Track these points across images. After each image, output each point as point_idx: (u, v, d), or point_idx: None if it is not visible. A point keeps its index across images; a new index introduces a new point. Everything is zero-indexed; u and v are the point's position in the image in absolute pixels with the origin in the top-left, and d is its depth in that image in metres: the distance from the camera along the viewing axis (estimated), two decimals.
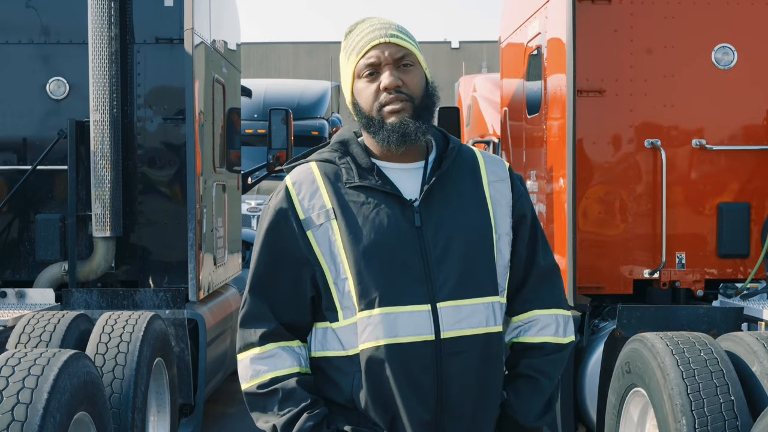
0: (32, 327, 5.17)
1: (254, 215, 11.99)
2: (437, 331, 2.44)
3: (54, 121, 6.54)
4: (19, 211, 6.62)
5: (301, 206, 2.51)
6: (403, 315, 2.44)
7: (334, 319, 2.50)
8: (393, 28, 2.53)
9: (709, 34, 5.96)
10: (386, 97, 2.48)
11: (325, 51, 36.21)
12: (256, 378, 2.52)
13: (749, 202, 5.97)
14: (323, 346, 2.53)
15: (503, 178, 2.62)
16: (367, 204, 2.48)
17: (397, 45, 2.50)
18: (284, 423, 2.46)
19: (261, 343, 2.52)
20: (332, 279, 2.48)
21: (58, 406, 3.84)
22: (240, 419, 7.91)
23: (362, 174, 2.51)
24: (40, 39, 6.61)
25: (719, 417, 4.20)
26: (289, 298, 2.52)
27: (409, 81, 2.49)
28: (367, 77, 2.51)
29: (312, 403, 2.47)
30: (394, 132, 2.47)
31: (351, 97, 2.56)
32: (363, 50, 2.50)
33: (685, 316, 5.50)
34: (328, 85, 14.51)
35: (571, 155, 5.69)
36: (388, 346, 2.43)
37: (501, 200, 2.59)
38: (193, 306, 6.43)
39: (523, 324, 2.65)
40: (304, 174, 2.56)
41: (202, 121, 6.58)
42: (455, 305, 2.46)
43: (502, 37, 7.97)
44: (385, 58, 2.49)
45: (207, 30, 6.85)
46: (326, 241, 2.48)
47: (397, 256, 2.46)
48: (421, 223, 2.48)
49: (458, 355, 2.45)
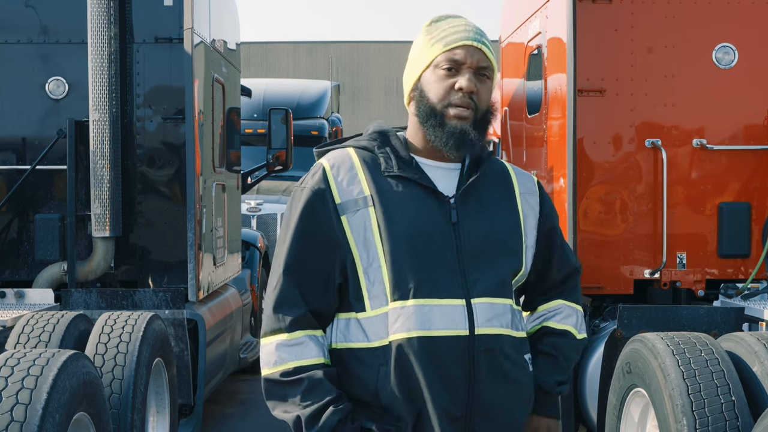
0: (31, 327, 5.16)
1: (254, 215, 11.99)
2: (471, 327, 2.44)
3: (53, 121, 6.53)
4: (18, 211, 6.61)
5: (339, 190, 2.50)
6: (438, 308, 2.43)
7: (361, 308, 2.48)
8: (484, 36, 2.55)
9: (710, 34, 5.95)
10: (458, 98, 2.48)
11: (325, 51, 36.20)
12: (280, 365, 2.47)
13: (750, 202, 5.97)
14: (345, 337, 2.49)
15: (533, 192, 2.67)
16: (405, 194, 2.49)
17: (484, 54, 2.52)
18: (309, 415, 2.41)
19: (290, 330, 2.47)
20: (363, 267, 2.46)
21: (58, 407, 3.83)
22: (240, 419, 7.90)
23: (401, 165, 2.52)
24: (39, 38, 6.60)
25: (720, 417, 4.19)
26: (319, 283, 2.49)
27: (482, 92, 2.51)
28: (445, 71, 2.50)
29: (337, 396, 2.44)
30: (454, 136, 2.48)
31: (416, 81, 2.55)
32: (451, 44, 2.51)
33: (685, 316, 5.49)
34: (328, 85, 14.51)
35: (571, 155, 5.68)
36: (421, 339, 2.41)
37: (530, 213, 2.63)
38: (193, 306, 6.42)
39: (547, 312, 2.72)
40: (343, 158, 2.55)
41: (201, 121, 6.57)
42: (489, 302, 2.47)
43: (503, 37, 7.97)
44: (471, 62, 2.50)
45: (206, 29, 6.84)
46: (361, 227, 2.47)
47: (434, 249, 2.46)
48: (457, 220, 2.49)
49: (490, 352, 2.46)
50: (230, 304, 7.77)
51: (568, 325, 2.70)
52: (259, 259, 9.53)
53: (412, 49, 2.62)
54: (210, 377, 6.93)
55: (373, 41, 37.91)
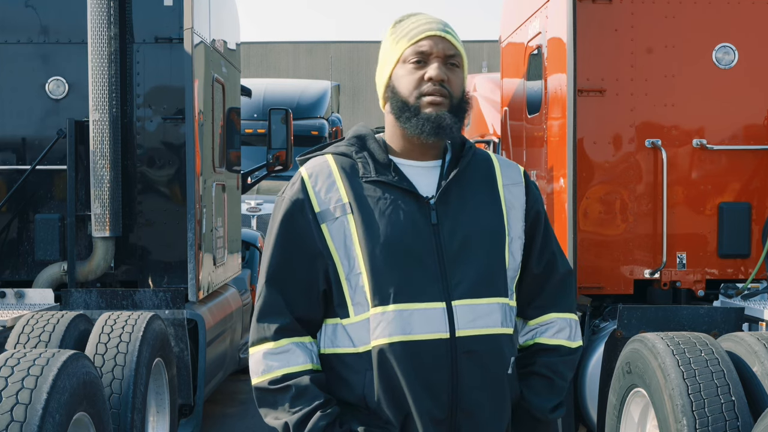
0: (31, 327, 5.16)
1: (254, 215, 11.99)
2: (452, 329, 2.43)
3: (53, 121, 6.54)
4: (18, 211, 6.61)
5: (317, 198, 2.50)
6: (418, 312, 2.43)
7: (345, 315, 2.48)
8: (447, 26, 2.55)
9: (710, 34, 5.95)
10: (429, 87, 2.48)
11: (325, 50, 36.21)
12: (268, 373, 2.49)
13: (750, 202, 5.97)
14: (333, 342, 2.51)
15: (518, 182, 2.63)
16: (384, 199, 2.48)
17: (450, 43, 2.52)
18: (297, 421, 2.43)
19: (275, 338, 2.49)
20: (345, 274, 2.47)
21: (58, 407, 3.83)
22: (240, 419, 7.90)
23: (379, 169, 2.51)
24: (39, 38, 6.61)
25: (720, 417, 4.19)
26: (302, 291, 2.50)
27: (453, 80, 2.51)
28: (413, 64, 2.50)
29: (325, 401, 2.45)
30: (430, 122, 2.47)
31: (387, 80, 2.55)
32: (416, 37, 2.51)
33: (685, 316, 5.50)
34: (328, 85, 14.51)
35: (571, 155, 5.68)
36: (402, 343, 2.42)
37: (515, 203, 2.60)
38: (193, 306, 6.42)
39: (539, 326, 2.66)
40: (321, 166, 2.55)
41: (201, 121, 6.57)
42: (470, 304, 2.46)
43: (503, 37, 7.96)
44: (437, 51, 2.50)
45: (206, 29, 6.84)
46: (341, 235, 2.47)
47: (413, 253, 2.45)
48: (437, 221, 2.48)
49: (472, 353, 2.45)
50: (230, 304, 7.77)
51: (560, 339, 2.65)
52: (259, 259, 9.53)
53: (380, 53, 2.63)
54: (210, 377, 6.93)
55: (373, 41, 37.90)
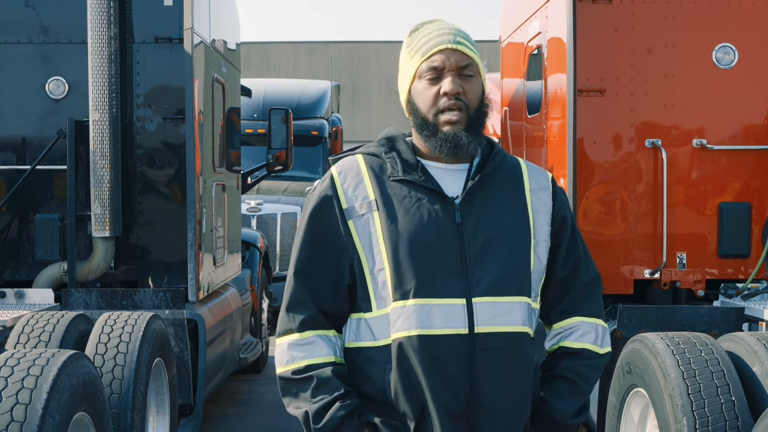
0: (31, 327, 5.16)
1: (254, 215, 11.99)
2: (471, 326, 2.47)
3: (53, 121, 6.54)
4: (18, 211, 6.61)
5: (345, 195, 2.58)
6: (438, 307, 2.48)
7: (368, 309, 2.55)
8: (460, 35, 2.58)
9: (710, 34, 5.95)
10: (445, 102, 2.53)
11: (325, 50, 36.21)
12: (292, 363, 2.57)
13: (750, 202, 5.97)
14: (356, 336, 2.58)
15: (545, 187, 2.68)
16: (409, 198, 2.55)
17: (463, 53, 2.55)
18: (316, 410, 2.51)
19: (300, 330, 2.57)
20: (369, 269, 2.54)
21: (58, 407, 3.83)
22: (240, 419, 7.90)
23: (406, 169, 2.58)
24: (39, 38, 6.60)
25: (720, 417, 4.19)
26: (328, 285, 2.58)
27: (469, 90, 2.55)
28: (428, 80, 2.55)
29: (345, 393, 2.52)
30: (447, 142, 2.54)
31: (407, 95, 2.61)
32: (428, 52, 2.55)
33: (685, 316, 5.50)
34: (328, 85, 14.50)
35: (571, 155, 5.68)
36: (421, 337, 2.46)
37: (542, 208, 2.64)
38: (193, 306, 6.42)
39: (563, 330, 2.69)
40: (350, 165, 2.63)
41: (201, 121, 6.57)
42: (491, 301, 2.50)
43: (503, 37, 7.97)
44: (450, 65, 2.54)
45: (206, 29, 6.84)
46: (366, 231, 2.54)
47: (436, 250, 2.50)
48: (461, 221, 2.53)
49: (491, 351, 2.48)
50: (230, 304, 7.77)
51: (585, 343, 2.67)
52: (259, 259, 9.53)
53: (400, 59, 2.68)
54: (210, 377, 6.93)
55: (373, 41, 37.93)
